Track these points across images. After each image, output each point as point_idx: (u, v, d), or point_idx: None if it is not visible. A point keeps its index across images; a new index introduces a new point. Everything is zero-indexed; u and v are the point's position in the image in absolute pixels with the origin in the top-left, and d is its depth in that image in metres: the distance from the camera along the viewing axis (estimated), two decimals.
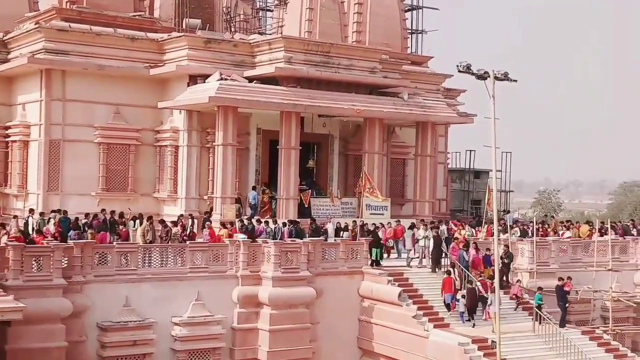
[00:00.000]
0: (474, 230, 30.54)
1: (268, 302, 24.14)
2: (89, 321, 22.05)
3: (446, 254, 26.24)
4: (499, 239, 23.56)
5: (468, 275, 25.11)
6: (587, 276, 28.20)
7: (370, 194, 30.71)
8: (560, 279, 25.85)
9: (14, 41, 32.14)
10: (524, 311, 25.57)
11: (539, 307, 24.60)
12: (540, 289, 25.51)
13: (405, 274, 26.19)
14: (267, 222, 26.73)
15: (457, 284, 24.85)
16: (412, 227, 28.28)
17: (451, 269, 25.36)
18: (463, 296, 24.37)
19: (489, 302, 24.21)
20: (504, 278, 25.95)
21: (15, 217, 26.82)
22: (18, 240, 21.90)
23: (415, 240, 27.51)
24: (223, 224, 26.67)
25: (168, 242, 24.62)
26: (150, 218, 25.69)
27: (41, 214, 26.61)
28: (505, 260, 26.28)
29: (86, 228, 24.32)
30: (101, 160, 30.65)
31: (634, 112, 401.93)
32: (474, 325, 24.15)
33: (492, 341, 22.15)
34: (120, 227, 25.72)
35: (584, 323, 27.16)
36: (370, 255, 26.33)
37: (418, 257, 27.13)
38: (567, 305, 25.50)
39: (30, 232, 23.96)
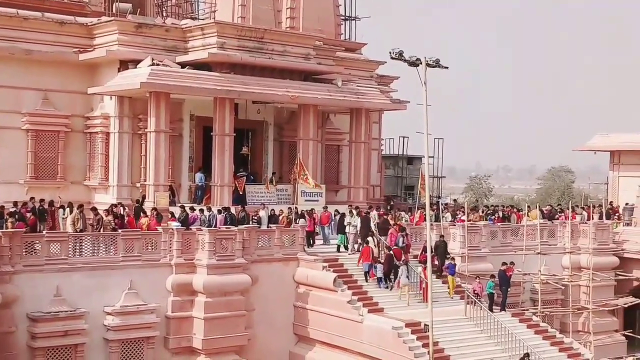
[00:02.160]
0: (407, 217, 30.98)
1: (203, 290, 24.00)
2: (19, 312, 21.62)
3: (373, 234, 26.63)
4: (431, 224, 23.89)
5: (386, 244, 26.25)
6: (517, 259, 28.83)
7: (304, 181, 30.77)
8: (504, 263, 26.51)
9: None
10: (456, 294, 26.03)
11: (492, 295, 25.17)
12: (492, 276, 26.05)
13: (340, 259, 26.39)
14: (202, 210, 26.52)
15: (375, 252, 25.77)
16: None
17: (370, 239, 26.16)
18: (380, 262, 25.46)
19: (399, 273, 25.23)
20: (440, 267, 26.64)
21: None
22: None
23: (339, 227, 27.71)
24: (141, 212, 26.26)
25: (100, 231, 24.21)
26: (80, 206, 25.22)
27: None
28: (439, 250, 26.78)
29: (7, 217, 23.65)
30: (29, 147, 29.94)
31: (560, 99, 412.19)
32: (390, 288, 25.40)
33: (425, 325, 22.50)
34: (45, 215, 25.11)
35: (513, 306, 27.79)
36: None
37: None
38: (508, 289, 26.09)
39: None
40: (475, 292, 25.15)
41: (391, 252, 25.86)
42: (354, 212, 28.14)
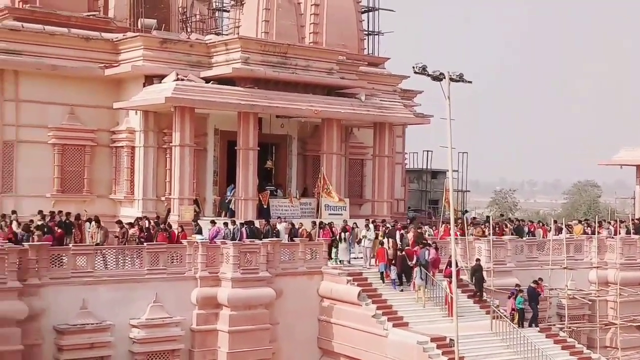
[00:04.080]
0: (432, 230, 30.84)
1: (227, 303, 24.02)
2: (46, 324, 21.72)
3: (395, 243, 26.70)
4: (456, 239, 23.77)
5: (399, 245, 26.52)
6: (543, 274, 28.56)
7: (328, 195, 30.77)
8: (535, 281, 26.36)
9: None
10: (482, 309, 25.85)
11: (522, 310, 25.02)
12: (520, 291, 25.81)
13: (365, 273, 26.30)
14: (225, 224, 26.60)
15: (389, 254, 25.94)
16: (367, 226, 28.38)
17: (384, 240, 26.40)
18: (394, 264, 25.77)
19: (414, 275, 25.39)
20: (479, 293, 26.43)
21: None
22: None
23: (357, 240, 27.66)
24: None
25: (125, 244, 24.35)
26: (98, 220, 25.42)
27: (2, 215, 26.16)
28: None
29: (34, 230, 23.86)
30: (56, 161, 30.24)
31: (586, 112, 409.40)
32: (402, 290, 25.70)
33: (450, 339, 22.34)
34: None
35: (540, 321, 27.50)
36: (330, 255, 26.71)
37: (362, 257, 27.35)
38: (538, 305, 25.89)
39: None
40: (513, 309, 25.04)
41: (403, 253, 25.97)
42: (371, 225, 28.03)
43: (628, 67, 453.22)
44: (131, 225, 25.44)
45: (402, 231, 27.97)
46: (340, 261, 27.05)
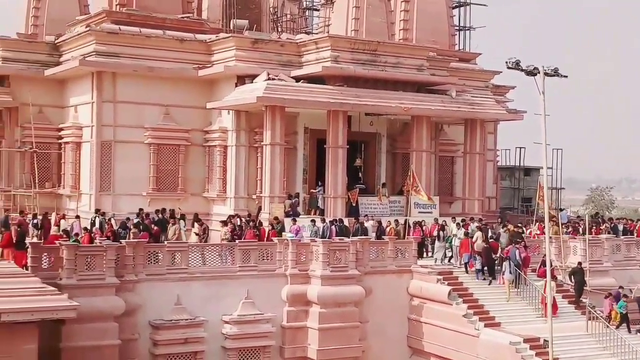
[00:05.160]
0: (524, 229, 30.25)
1: (317, 300, 24.18)
2: (141, 319, 22.30)
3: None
4: (550, 238, 23.25)
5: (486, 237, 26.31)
6: None
7: (417, 193, 30.58)
8: None
9: (66, 44, 32.77)
10: (577, 310, 25.21)
11: (626, 315, 24.11)
12: (625, 296, 24.92)
13: (455, 272, 26.04)
14: (313, 221, 26.78)
15: (476, 246, 25.85)
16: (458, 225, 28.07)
17: (468, 231, 26.40)
18: (479, 254, 25.67)
19: (503, 269, 25.14)
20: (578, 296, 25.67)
21: (77, 217, 27.27)
22: (57, 239, 22.29)
23: (446, 239, 27.38)
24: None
25: (205, 241, 24.81)
26: (181, 217, 26.19)
27: (102, 213, 27.10)
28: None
29: (131, 227, 24.63)
30: (151, 160, 31.05)
31: None
32: (490, 282, 25.64)
33: (545, 340, 21.87)
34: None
35: (638, 322, 26.59)
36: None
37: (450, 256, 27.07)
38: None
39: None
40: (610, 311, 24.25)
41: (488, 245, 25.75)
42: (461, 223, 27.70)
43: None
44: (224, 223, 25.95)
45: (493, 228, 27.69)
46: (435, 259, 26.90)
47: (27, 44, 33.54)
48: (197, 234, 25.80)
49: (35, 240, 22.94)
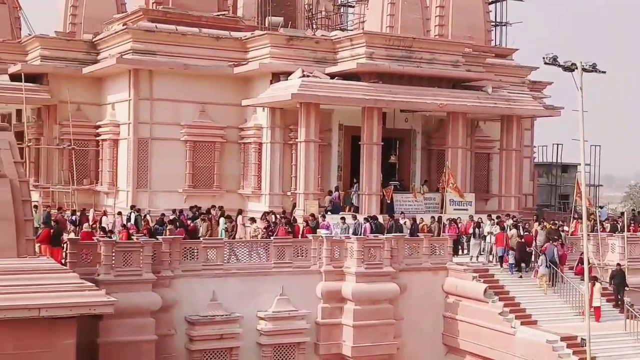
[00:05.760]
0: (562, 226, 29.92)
1: (352, 297, 24.15)
2: (178, 315, 22.42)
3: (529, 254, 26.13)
4: (588, 235, 22.96)
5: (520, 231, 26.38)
6: None
7: (453, 190, 30.44)
8: None
9: (103, 42, 33.14)
10: (615, 309, 24.88)
11: None
12: None
13: (491, 270, 25.85)
14: (343, 219, 26.76)
15: (511, 241, 25.85)
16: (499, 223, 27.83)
17: (504, 226, 26.45)
18: (512, 249, 25.74)
19: (539, 263, 25.20)
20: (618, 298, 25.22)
21: (119, 213, 27.55)
22: (90, 235, 22.54)
23: (481, 236, 27.18)
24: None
25: (234, 237, 24.91)
26: (222, 214, 26.32)
27: (138, 210, 27.38)
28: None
29: (167, 224, 24.85)
30: (188, 157, 31.29)
31: None
32: (521, 276, 25.66)
33: (582, 339, 21.61)
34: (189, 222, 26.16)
35: None
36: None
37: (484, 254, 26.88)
38: None
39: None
40: None
41: (523, 239, 25.68)
42: (495, 220, 27.48)
43: None
44: (252, 220, 26.08)
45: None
46: (470, 257, 26.77)
47: (65, 42, 33.98)
48: (225, 230, 25.90)
49: (72, 236, 23.22)
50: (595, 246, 27.55)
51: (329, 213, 28.11)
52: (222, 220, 26.31)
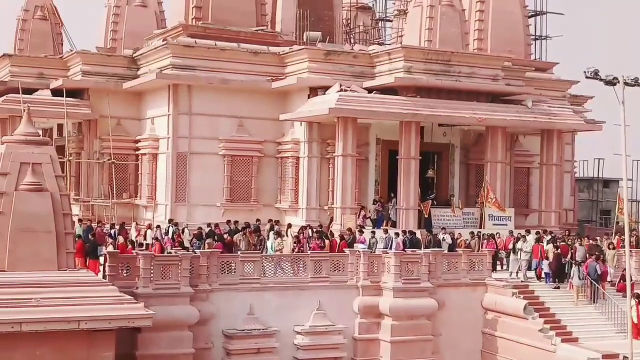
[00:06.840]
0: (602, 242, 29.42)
1: (389, 313, 23.99)
2: (215, 329, 22.46)
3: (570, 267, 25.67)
4: (630, 251, 22.56)
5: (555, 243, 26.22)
6: None
7: (492, 205, 30.13)
8: None
9: (143, 58, 33.53)
10: None
11: None
12: None
13: (531, 286, 25.49)
14: (373, 232, 26.64)
15: (548, 256, 25.68)
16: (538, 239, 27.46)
17: (542, 237, 26.55)
18: (547, 258, 25.66)
19: (572, 274, 24.93)
20: None
21: (157, 227, 27.66)
22: (122, 249, 22.71)
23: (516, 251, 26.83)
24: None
25: (261, 251, 24.89)
26: (244, 228, 26.35)
27: (175, 223, 27.56)
28: None
29: (205, 238, 24.95)
30: (226, 171, 31.44)
31: None
32: (558, 287, 25.36)
33: (624, 357, 21.18)
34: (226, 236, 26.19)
35: None
36: None
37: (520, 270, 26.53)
38: None
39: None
40: None
41: (559, 250, 25.45)
42: (527, 236, 27.09)
43: None
44: (278, 234, 26.00)
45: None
46: (510, 273, 26.50)
47: (106, 57, 34.46)
48: (253, 244, 25.84)
49: (111, 249, 23.44)
50: (637, 262, 27.04)
51: (368, 222, 28.01)
52: (271, 234, 26.24)
